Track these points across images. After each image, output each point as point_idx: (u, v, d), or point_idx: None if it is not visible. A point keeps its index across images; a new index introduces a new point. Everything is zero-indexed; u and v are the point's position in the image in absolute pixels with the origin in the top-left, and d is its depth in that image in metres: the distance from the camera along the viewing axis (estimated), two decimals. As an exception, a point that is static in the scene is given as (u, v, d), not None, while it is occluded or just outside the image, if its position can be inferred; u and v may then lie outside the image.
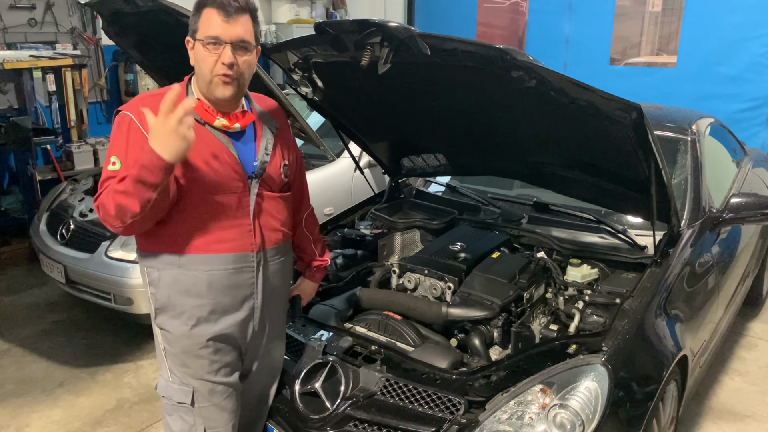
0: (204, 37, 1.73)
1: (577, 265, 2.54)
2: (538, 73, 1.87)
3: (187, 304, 1.82)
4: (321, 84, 2.49)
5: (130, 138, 1.73)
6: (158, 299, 1.84)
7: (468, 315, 2.30)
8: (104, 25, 3.95)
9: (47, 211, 4.28)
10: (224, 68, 1.73)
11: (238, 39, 1.74)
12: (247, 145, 1.87)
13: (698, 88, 5.91)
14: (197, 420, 1.88)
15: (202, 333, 1.83)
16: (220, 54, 1.72)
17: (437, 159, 3.04)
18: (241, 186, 1.82)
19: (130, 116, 1.75)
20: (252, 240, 1.85)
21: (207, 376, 1.87)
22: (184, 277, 1.80)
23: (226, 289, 1.84)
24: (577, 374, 1.90)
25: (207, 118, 1.80)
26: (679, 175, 2.96)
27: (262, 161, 1.87)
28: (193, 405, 1.87)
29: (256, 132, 1.90)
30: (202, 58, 1.75)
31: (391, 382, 2.03)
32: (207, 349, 1.85)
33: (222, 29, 1.72)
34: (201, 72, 1.77)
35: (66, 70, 5.39)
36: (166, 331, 1.86)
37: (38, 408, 3.22)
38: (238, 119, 1.84)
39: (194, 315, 1.83)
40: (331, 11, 8.02)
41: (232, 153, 1.81)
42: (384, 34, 1.94)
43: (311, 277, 2.28)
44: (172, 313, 1.84)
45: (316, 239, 2.23)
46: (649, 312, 2.20)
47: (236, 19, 1.73)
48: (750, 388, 3.36)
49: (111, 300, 3.62)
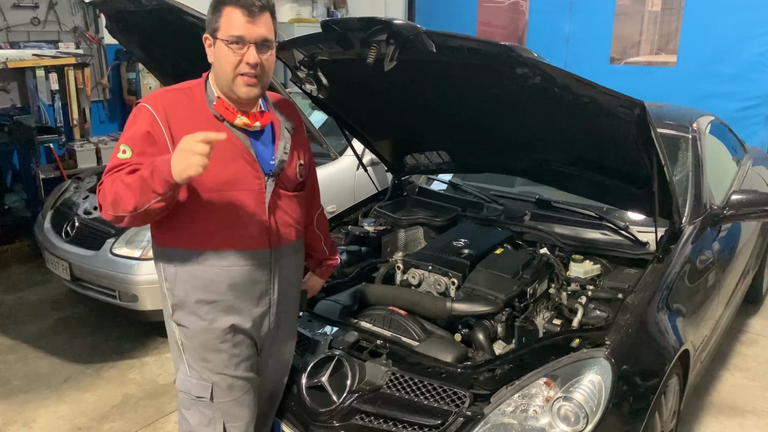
0: (228, 37, 1.72)
1: (579, 261, 2.56)
2: (543, 70, 1.89)
3: (205, 300, 1.83)
4: (326, 82, 2.51)
5: (143, 128, 1.71)
6: (175, 295, 1.85)
7: (472, 310, 2.32)
8: (108, 24, 3.98)
9: (52, 209, 4.30)
10: (248, 68, 1.73)
11: (262, 38, 1.74)
12: (265, 144, 1.88)
13: (698, 87, 5.93)
14: (216, 414, 1.90)
15: (220, 327, 1.85)
16: (244, 54, 1.72)
17: (440, 156, 3.07)
18: (258, 184, 1.83)
19: (148, 108, 1.74)
20: (268, 237, 1.86)
21: (226, 370, 1.88)
22: (202, 273, 1.82)
23: (244, 286, 1.85)
24: (580, 367, 1.92)
25: (228, 117, 1.80)
26: (680, 172, 2.99)
27: (280, 160, 1.88)
28: (212, 400, 1.88)
29: (274, 131, 1.91)
30: (224, 57, 1.74)
31: (397, 375, 2.06)
32: (226, 343, 1.86)
33: (246, 29, 1.71)
34: (223, 71, 1.76)
35: (69, 69, 5.42)
36: (183, 327, 1.87)
37: (44, 403, 3.25)
38: (257, 118, 1.84)
39: (213, 310, 1.84)
40: (332, 10, 8.05)
41: (250, 152, 1.82)
42: (390, 31, 1.96)
43: (320, 274, 2.31)
44: (189, 309, 1.85)
45: (326, 238, 2.25)
46: (651, 307, 2.22)
47: (260, 18, 1.73)
48: (750, 383, 3.38)
49: (116, 297, 3.64)
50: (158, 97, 1.77)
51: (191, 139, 1.52)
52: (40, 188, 5.12)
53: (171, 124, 1.74)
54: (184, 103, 1.79)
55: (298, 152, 1.98)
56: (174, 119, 1.75)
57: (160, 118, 1.73)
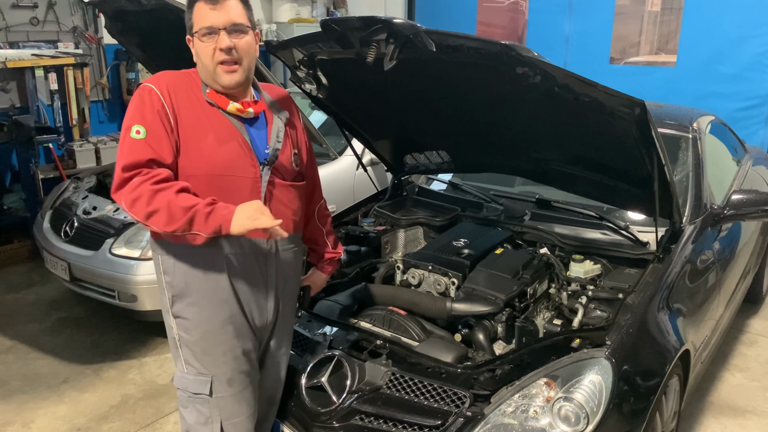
0: (198, 29, 1.76)
1: (579, 261, 2.56)
2: (543, 69, 1.88)
3: (205, 289, 1.83)
4: (325, 81, 2.50)
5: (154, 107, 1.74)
6: (175, 286, 1.84)
7: (472, 310, 2.31)
8: (107, 24, 3.98)
9: (51, 209, 4.29)
10: (223, 54, 1.76)
11: (230, 23, 1.76)
12: (259, 132, 1.89)
13: (698, 87, 5.93)
14: (213, 411, 1.89)
15: (220, 317, 1.84)
16: (217, 41, 1.75)
17: (440, 156, 3.06)
18: (253, 172, 1.83)
19: (153, 88, 1.77)
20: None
21: (227, 362, 1.87)
22: (201, 262, 1.81)
23: (242, 275, 1.85)
24: (581, 368, 1.92)
25: (220, 103, 1.82)
26: (680, 172, 2.98)
27: (274, 148, 1.88)
28: (211, 395, 1.87)
29: (267, 120, 1.92)
30: (201, 51, 1.78)
31: (397, 375, 2.06)
32: (226, 334, 1.86)
33: (213, 17, 1.75)
34: (204, 65, 1.80)
35: (68, 68, 5.40)
36: (183, 318, 1.86)
37: (43, 404, 3.24)
38: (250, 105, 1.86)
39: (213, 299, 1.83)
40: (331, 10, 8.04)
41: (245, 138, 1.83)
42: (390, 30, 1.95)
43: (323, 269, 2.28)
44: (190, 299, 1.84)
45: (328, 231, 2.24)
46: (652, 307, 2.22)
47: (224, 5, 1.76)
48: (751, 383, 3.38)
49: (115, 297, 3.64)
50: (161, 79, 1.81)
51: (258, 207, 1.65)
52: (39, 188, 5.11)
53: (174, 104, 1.77)
54: (184, 85, 1.83)
55: (293, 141, 1.98)
56: (176, 100, 1.78)
57: (165, 98, 1.76)
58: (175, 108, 1.77)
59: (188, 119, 1.78)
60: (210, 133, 1.78)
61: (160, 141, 1.72)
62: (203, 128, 1.79)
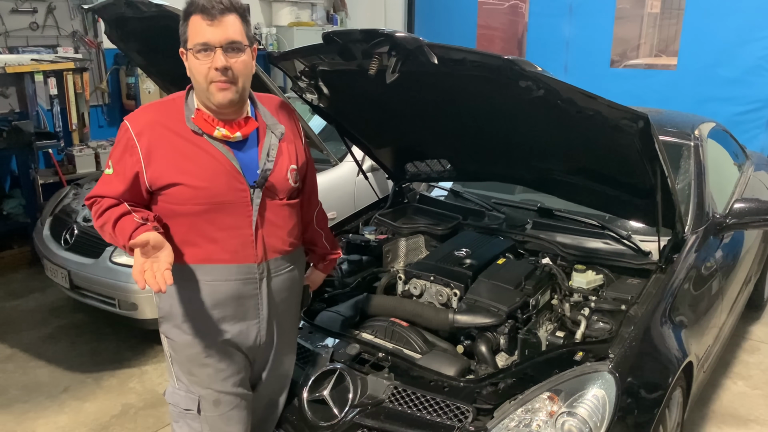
0: (193, 45, 1.69)
1: (581, 271, 2.54)
2: (546, 83, 1.88)
3: (189, 314, 1.82)
4: (327, 91, 2.49)
5: (121, 146, 1.77)
6: (161, 308, 1.86)
7: (475, 322, 2.31)
8: (107, 30, 3.98)
9: (50, 216, 4.28)
10: (218, 74, 1.69)
11: (227, 41, 1.69)
12: (249, 154, 1.82)
13: (698, 91, 5.92)
14: (204, 426, 1.89)
15: (205, 342, 1.84)
16: (212, 60, 1.68)
17: (442, 164, 3.05)
18: (243, 196, 1.79)
19: (127, 126, 1.76)
20: (254, 251, 1.82)
21: (213, 385, 1.87)
22: (186, 288, 1.80)
23: (229, 300, 1.83)
24: (584, 381, 1.91)
25: (206, 129, 1.77)
26: (682, 181, 2.97)
27: (264, 169, 1.82)
28: (200, 413, 1.87)
29: (260, 138, 1.86)
30: (195, 68, 1.72)
31: (399, 389, 2.05)
32: (211, 358, 1.85)
33: (209, 33, 1.67)
34: (197, 81, 1.74)
35: (67, 73, 5.39)
36: (170, 339, 1.88)
37: (44, 414, 3.23)
38: (240, 127, 1.80)
39: (197, 325, 1.83)
40: (331, 14, 8.03)
41: (232, 163, 1.78)
42: (392, 44, 1.95)
43: (323, 268, 2.26)
44: (175, 322, 1.85)
45: (327, 234, 2.21)
46: (655, 319, 2.21)
47: (222, 21, 1.68)
48: (753, 391, 3.37)
49: (115, 305, 3.62)
50: (141, 117, 1.79)
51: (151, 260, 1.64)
52: (39, 194, 5.10)
53: (152, 141, 1.75)
54: (166, 118, 1.78)
55: (291, 157, 1.91)
56: (154, 137, 1.75)
57: (138, 137, 1.74)
58: (152, 146, 1.74)
59: (168, 155, 1.74)
60: (193, 165, 1.73)
61: (124, 178, 1.76)
62: (186, 160, 1.75)
